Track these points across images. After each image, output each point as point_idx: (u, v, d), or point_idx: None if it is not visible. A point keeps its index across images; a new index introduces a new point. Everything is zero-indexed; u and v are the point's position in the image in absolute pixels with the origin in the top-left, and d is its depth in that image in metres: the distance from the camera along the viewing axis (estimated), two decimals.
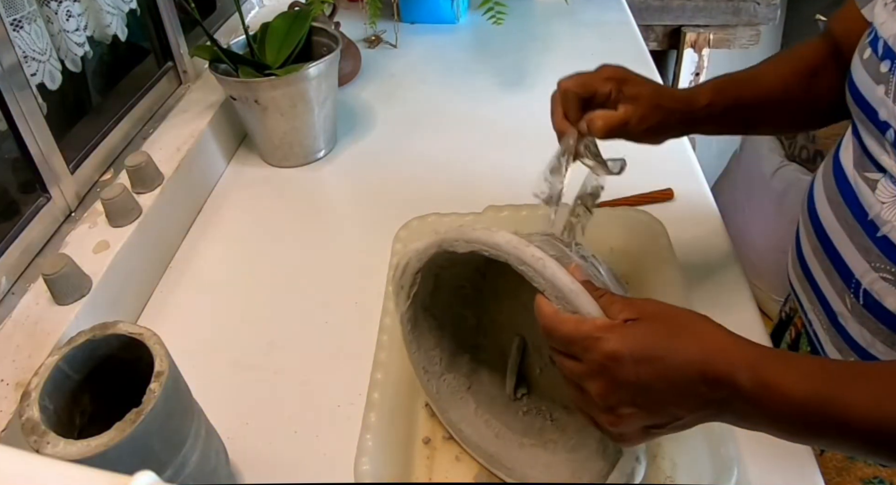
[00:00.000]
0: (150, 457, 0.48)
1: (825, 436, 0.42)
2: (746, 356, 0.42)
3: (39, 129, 0.77)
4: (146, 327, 0.52)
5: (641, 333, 0.43)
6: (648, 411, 0.43)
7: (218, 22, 1.23)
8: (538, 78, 1.21)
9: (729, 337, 0.43)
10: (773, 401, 0.41)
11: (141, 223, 0.80)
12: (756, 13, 1.80)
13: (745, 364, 0.41)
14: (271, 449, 0.65)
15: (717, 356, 0.42)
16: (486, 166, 0.99)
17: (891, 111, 0.51)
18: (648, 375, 0.42)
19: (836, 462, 0.66)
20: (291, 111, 0.96)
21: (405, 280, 0.57)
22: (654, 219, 0.73)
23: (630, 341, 0.42)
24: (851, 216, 0.57)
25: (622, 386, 0.43)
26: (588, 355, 0.43)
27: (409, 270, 0.56)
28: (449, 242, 0.52)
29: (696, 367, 0.41)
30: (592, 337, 0.43)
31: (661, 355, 0.42)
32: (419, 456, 0.62)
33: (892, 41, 0.52)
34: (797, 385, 0.41)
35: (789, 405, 0.41)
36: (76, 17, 0.85)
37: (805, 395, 0.40)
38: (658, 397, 0.43)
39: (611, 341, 0.42)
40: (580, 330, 0.44)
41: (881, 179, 0.54)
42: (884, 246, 0.53)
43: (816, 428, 0.42)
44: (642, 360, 0.42)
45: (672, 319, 0.44)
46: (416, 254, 0.54)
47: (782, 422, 0.42)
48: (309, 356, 0.74)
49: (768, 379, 0.41)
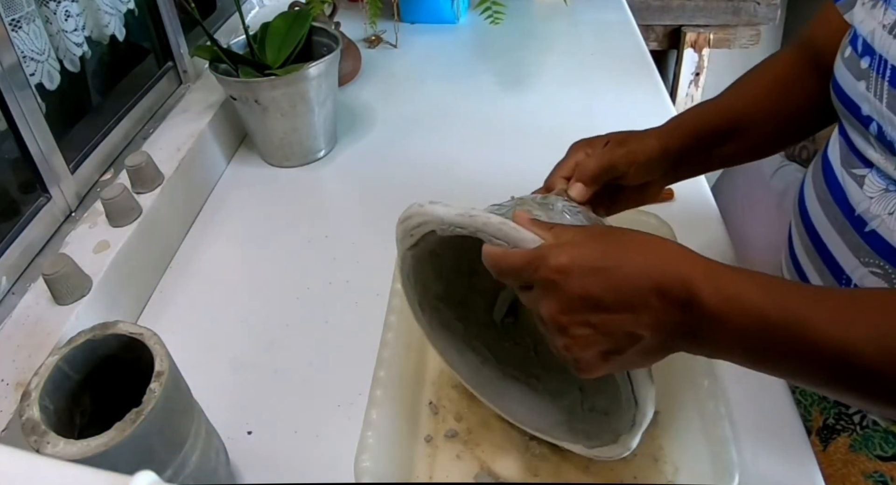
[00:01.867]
0: (151, 457, 0.48)
1: (788, 356, 0.40)
2: (704, 267, 0.40)
3: (39, 129, 0.77)
4: (146, 327, 0.52)
5: (589, 247, 0.42)
6: (603, 331, 0.41)
7: (218, 22, 1.23)
8: (538, 78, 1.21)
9: (684, 249, 0.42)
10: (735, 314, 0.39)
11: (141, 223, 0.80)
12: (756, 13, 1.80)
13: (703, 275, 0.40)
14: (271, 449, 0.65)
15: (673, 266, 0.40)
16: (487, 166, 0.99)
17: (873, 106, 0.52)
18: (598, 287, 0.40)
19: (840, 455, 0.66)
20: (291, 111, 0.96)
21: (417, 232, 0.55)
22: (662, 222, 0.73)
23: (576, 253, 0.41)
24: (840, 214, 0.57)
25: (571, 301, 0.41)
26: (536, 276, 0.42)
27: (421, 230, 0.54)
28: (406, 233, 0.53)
29: (649, 276, 0.40)
30: (539, 257, 0.42)
31: (610, 265, 0.40)
32: (420, 454, 0.62)
33: (870, 38, 0.53)
34: (760, 298, 0.39)
35: (752, 319, 0.39)
36: (74, 17, 0.85)
37: (769, 308, 0.39)
38: (610, 312, 0.41)
39: (556, 256, 0.41)
40: (526, 256, 0.43)
41: (868, 174, 0.55)
42: (872, 241, 0.54)
43: (780, 347, 0.40)
44: (590, 271, 0.40)
45: (622, 234, 0.43)
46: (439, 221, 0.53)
47: (744, 340, 0.40)
48: (309, 356, 0.74)
49: (729, 290, 0.39)
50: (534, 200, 0.55)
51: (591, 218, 0.54)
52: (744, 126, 0.65)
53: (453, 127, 1.10)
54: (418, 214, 0.52)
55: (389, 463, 0.56)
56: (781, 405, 0.65)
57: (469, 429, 0.64)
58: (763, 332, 0.39)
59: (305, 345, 0.75)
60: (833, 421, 0.67)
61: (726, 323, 0.40)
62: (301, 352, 0.74)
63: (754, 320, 0.39)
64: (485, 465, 0.61)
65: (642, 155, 0.58)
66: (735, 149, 0.66)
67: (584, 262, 0.41)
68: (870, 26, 0.54)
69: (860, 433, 0.64)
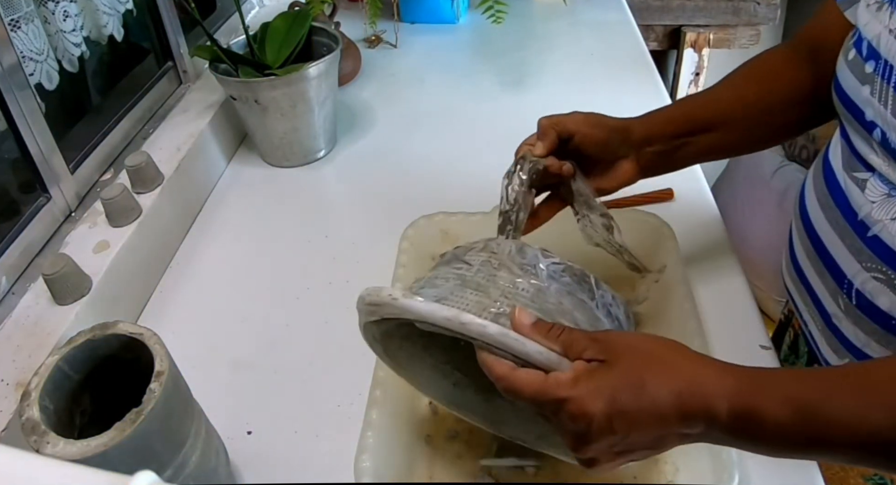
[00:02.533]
0: (151, 457, 0.48)
1: (810, 453, 0.42)
2: (722, 386, 0.41)
3: (39, 129, 0.77)
4: (146, 327, 0.52)
5: (608, 384, 0.41)
6: (626, 451, 0.43)
7: (218, 22, 1.23)
8: (538, 78, 1.21)
9: (701, 366, 0.42)
10: (753, 428, 0.40)
11: (141, 223, 0.80)
12: (756, 13, 1.80)
13: (721, 394, 0.40)
14: (271, 449, 0.65)
15: (692, 391, 0.41)
16: (487, 166, 0.99)
17: (877, 111, 0.52)
18: (624, 427, 0.41)
19: None
20: (291, 111, 0.96)
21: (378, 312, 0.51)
22: (662, 221, 0.73)
23: (598, 398, 0.40)
24: (842, 218, 0.57)
25: (598, 441, 0.41)
26: (557, 418, 0.42)
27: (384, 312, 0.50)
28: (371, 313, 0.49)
29: (672, 407, 0.40)
30: (558, 398, 0.41)
31: (634, 406, 0.40)
32: (420, 454, 0.62)
33: (875, 42, 0.53)
34: (777, 409, 0.40)
35: (770, 430, 0.40)
36: (73, 17, 0.85)
37: (786, 418, 0.39)
38: (635, 443, 0.42)
39: (577, 402, 0.40)
40: (544, 392, 0.42)
41: (870, 179, 0.54)
42: (875, 246, 0.53)
43: (801, 447, 0.41)
44: (615, 414, 0.40)
45: (640, 358, 0.42)
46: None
47: (764, 445, 0.42)
48: (309, 356, 0.74)
49: (747, 407, 0.40)
50: (511, 258, 0.51)
51: (576, 274, 0.52)
52: (724, 120, 0.65)
53: (453, 127, 1.10)
54: (391, 306, 0.46)
55: (389, 463, 0.56)
56: None
57: (469, 429, 0.64)
58: (781, 438, 0.41)
59: (305, 345, 0.75)
60: None
61: (741, 435, 0.41)
62: (301, 352, 0.74)
63: (772, 430, 0.40)
64: (485, 465, 0.61)
65: (595, 120, 0.63)
66: (714, 141, 0.66)
67: (605, 407, 0.40)
68: (875, 30, 0.53)
69: None
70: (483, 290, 0.48)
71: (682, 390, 0.41)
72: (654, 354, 0.43)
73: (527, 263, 0.51)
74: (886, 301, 0.53)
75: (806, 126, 0.68)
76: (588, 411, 0.40)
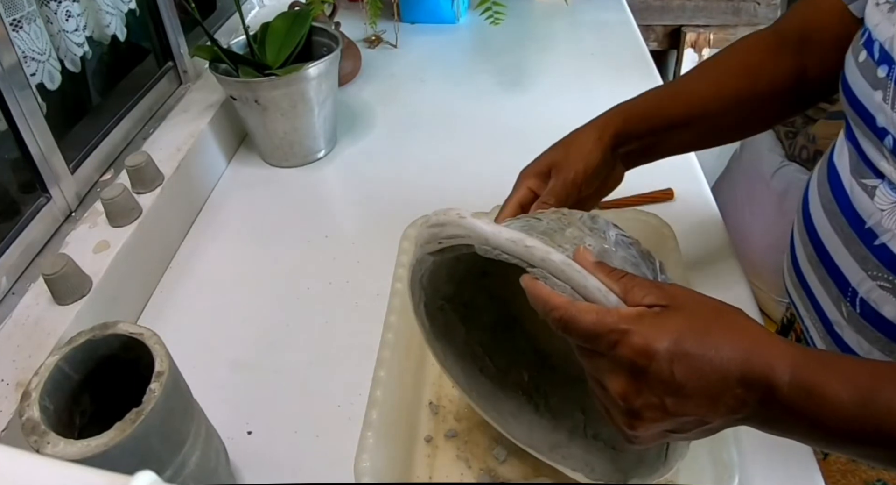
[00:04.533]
0: (151, 457, 0.48)
1: (865, 444, 0.39)
2: (786, 355, 0.38)
3: (39, 129, 0.77)
4: (146, 327, 0.52)
5: (675, 325, 0.38)
6: (675, 415, 0.39)
7: (218, 22, 1.23)
8: (538, 78, 1.21)
9: (766, 333, 0.40)
10: (813, 405, 0.38)
11: (141, 223, 0.80)
12: (756, 13, 1.80)
13: (785, 364, 0.38)
14: (271, 449, 0.65)
15: (758, 353, 0.38)
16: (487, 166, 0.99)
17: (889, 118, 0.50)
18: (684, 373, 0.37)
19: (840, 465, 0.66)
20: (291, 111, 0.96)
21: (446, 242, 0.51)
22: (662, 222, 0.73)
23: (664, 334, 0.38)
24: (847, 225, 0.55)
25: (652, 386, 0.38)
26: (615, 351, 0.39)
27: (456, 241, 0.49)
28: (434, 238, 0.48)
29: (736, 364, 0.38)
30: (619, 330, 0.38)
31: (699, 352, 0.37)
32: (420, 455, 0.62)
33: (888, 45, 0.50)
34: (840, 389, 0.37)
35: (830, 411, 0.38)
36: (75, 17, 0.85)
37: (848, 400, 0.37)
38: (690, 398, 0.38)
39: (642, 335, 0.38)
40: (605, 323, 0.39)
41: (879, 186, 0.52)
42: (882, 254, 0.51)
43: (857, 436, 0.38)
44: (678, 356, 0.37)
45: (706, 310, 0.40)
46: (482, 239, 0.47)
47: (820, 428, 0.39)
48: (309, 356, 0.74)
49: (809, 381, 0.38)
50: (582, 221, 0.49)
51: (643, 251, 0.51)
52: (700, 115, 0.63)
53: (453, 127, 1.10)
54: (455, 224, 0.46)
55: (389, 463, 0.56)
56: None
57: (469, 429, 0.64)
58: (840, 422, 0.38)
59: (305, 345, 0.75)
60: None
61: (799, 412, 0.38)
62: (301, 352, 0.74)
63: (832, 411, 0.38)
64: (485, 465, 0.61)
65: (586, 172, 0.59)
66: (687, 138, 0.64)
67: (672, 345, 0.38)
68: (888, 32, 0.51)
69: None
70: (549, 235, 0.47)
71: (748, 349, 0.38)
72: (721, 310, 0.41)
73: (597, 227, 0.49)
74: (891, 310, 0.52)
75: (782, 118, 0.67)
76: (651, 346, 0.38)
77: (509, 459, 0.61)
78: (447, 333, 0.60)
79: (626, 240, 0.50)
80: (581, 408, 0.59)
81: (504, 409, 0.60)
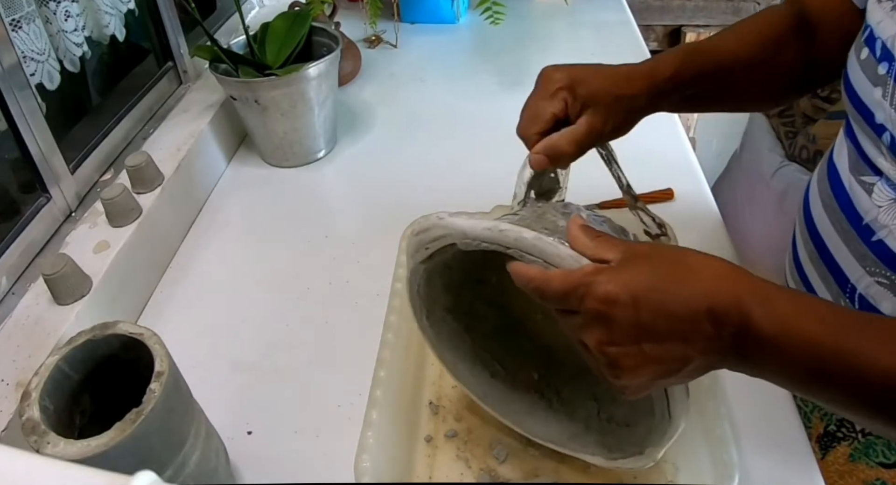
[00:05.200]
0: (151, 457, 0.48)
1: (833, 386, 0.39)
2: (757, 290, 0.39)
3: (39, 129, 0.77)
4: (146, 327, 0.52)
5: (637, 270, 0.40)
6: (655, 358, 0.40)
7: (218, 22, 1.23)
8: None
9: (737, 269, 0.40)
10: (787, 340, 0.38)
11: (141, 223, 0.80)
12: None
13: (757, 298, 0.38)
14: (271, 449, 0.65)
15: (726, 289, 0.39)
16: (487, 166, 0.99)
17: (888, 115, 0.50)
18: (649, 313, 0.38)
19: (839, 465, 0.66)
20: (291, 111, 0.96)
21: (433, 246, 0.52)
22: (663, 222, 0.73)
23: (624, 279, 0.39)
24: (846, 221, 0.56)
25: (625, 332, 0.39)
26: (584, 306, 0.40)
27: (440, 243, 0.51)
28: (421, 246, 0.51)
29: (702, 300, 0.38)
30: (584, 283, 0.40)
31: (661, 288, 0.39)
32: (420, 454, 0.62)
33: (890, 43, 0.51)
34: (812, 326, 0.38)
35: (804, 347, 0.38)
36: (74, 17, 0.85)
37: (823, 337, 0.38)
38: (662, 339, 0.39)
39: (603, 283, 0.39)
40: (571, 280, 0.41)
41: (877, 182, 0.52)
42: (879, 250, 0.52)
43: (827, 376, 0.39)
44: (640, 297, 0.38)
45: (669, 254, 0.41)
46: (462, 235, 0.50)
47: (794, 366, 0.39)
48: (309, 356, 0.74)
49: (784, 316, 0.38)
50: (555, 209, 0.52)
51: (616, 228, 0.52)
52: (729, 67, 0.62)
53: (453, 127, 1.10)
54: (437, 226, 0.48)
55: (389, 463, 0.56)
56: (782, 405, 0.65)
57: (469, 429, 0.64)
58: (811, 359, 0.38)
59: (305, 345, 0.75)
60: (834, 428, 0.66)
61: (778, 349, 0.39)
62: (301, 352, 0.74)
63: (806, 348, 0.38)
64: (485, 465, 0.61)
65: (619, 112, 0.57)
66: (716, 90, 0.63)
67: (630, 287, 0.39)
68: (890, 30, 0.51)
69: (861, 441, 0.63)
70: (526, 224, 0.49)
71: (712, 284, 0.39)
72: (686, 254, 0.41)
73: (569, 211, 0.52)
74: (889, 306, 0.52)
75: (791, 95, 0.67)
76: (610, 291, 0.39)
77: (509, 459, 0.61)
78: (454, 344, 0.61)
79: (598, 218, 0.52)
80: (593, 396, 0.60)
81: (519, 409, 0.61)
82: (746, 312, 0.38)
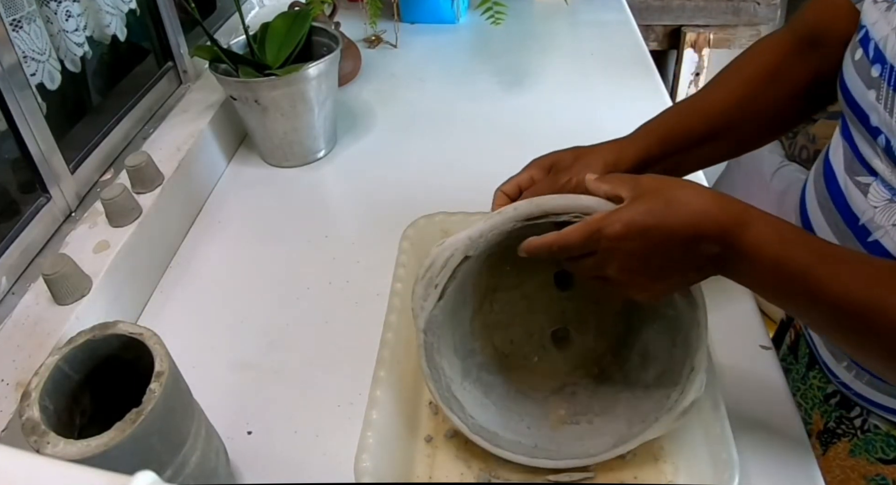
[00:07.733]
0: (151, 457, 0.48)
1: (797, 303, 0.48)
2: (739, 215, 0.47)
3: (39, 129, 0.77)
4: (146, 327, 0.52)
5: (637, 211, 0.48)
6: (661, 275, 0.50)
7: (218, 22, 1.23)
8: (539, 78, 1.21)
9: (722, 199, 0.48)
10: (758, 258, 0.47)
11: (141, 223, 0.80)
12: (756, 13, 1.80)
13: (737, 224, 0.47)
14: (271, 449, 0.65)
15: (712, 217, 0.47)
16: (487, 166, 0.99)
17: (882, 118, 0.50)
18: (652, 243, 0.48)
19: (840, 462, 0.66)
20: (291, 111, 0.96)
21: (442, 276, 0.55)
22: None
23: (628, 220, 0.48)
24: (842, 221, 0.56)
25: (633, 257, 0.49)
26: (600, 245, 0.49)
27: (452, 262, 0.54)
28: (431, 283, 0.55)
29: (689, 230, 0.47)
30: (597, 229, 0.49)
31: (657, 224, 0.47)
32: (420, 454, 0.62)
33: (882, 44, 0.50)
34: (777, 249, 0.46)
35: (769, 266, 0.46)
36: (75, 17, 0.85)
37: (783, 259, 0.46)
38: (664, 260, 0.49)
39: (612, 226, 0.48)
40: (586, 229, 0.49)
41: (873, 183, 0.52)
42: (875, 250, 0.52)
43: (791, 294, 0.48)
44: (642, 232, 0.48)
45: (664, 191, 0.49)
46: (466, 241, 0.54)
47: (763, 282, 0.48)
48: (309, 356, 0.74)
49: (755, 240, 0.47)
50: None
51: None
52: (723, 125, 0.63)
53: (453, 127, 1.10)
54: (441, 252, 0.54)
55: (389, 463, 0.56)
56: (782, 405, 0.65)
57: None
58: (779, 278, 0.47)
59: (305, 345, 0.75)
60: (834, 425, 0.66)
61: (751, 266, 0.47)
62: (301, 352, 0.74)
63: (772, 268, 0.47)
64: (485, 465, 0.61)
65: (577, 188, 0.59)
66: (710, 152, 0.65)
67: (634, 226, 0.48)
68: (883, 31, 0.51)
69: (861, 437, 0.63)
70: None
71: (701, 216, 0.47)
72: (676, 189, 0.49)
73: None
74: None
75: (800, 120, 0.67)
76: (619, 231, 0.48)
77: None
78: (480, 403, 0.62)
79: None
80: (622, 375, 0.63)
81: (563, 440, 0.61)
82: (726, 233, 0.47)
